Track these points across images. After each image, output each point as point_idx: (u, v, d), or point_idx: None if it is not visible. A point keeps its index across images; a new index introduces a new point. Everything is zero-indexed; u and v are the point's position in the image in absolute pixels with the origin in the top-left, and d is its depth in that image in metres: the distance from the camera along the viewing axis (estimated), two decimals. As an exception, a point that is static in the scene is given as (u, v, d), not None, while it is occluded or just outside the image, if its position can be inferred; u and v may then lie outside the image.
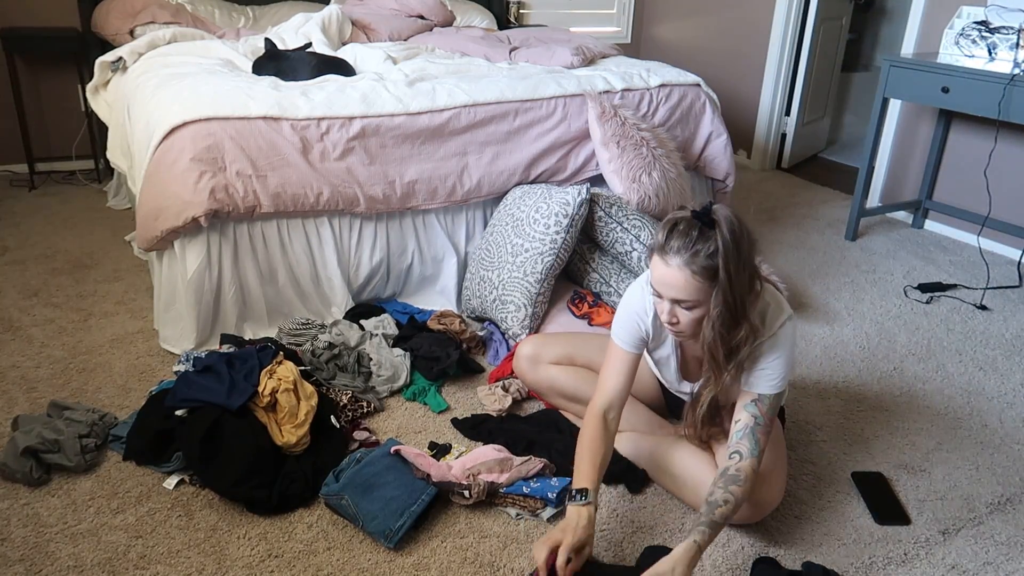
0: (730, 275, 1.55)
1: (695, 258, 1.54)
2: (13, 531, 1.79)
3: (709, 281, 1.56)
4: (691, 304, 1.60)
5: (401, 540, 1.78)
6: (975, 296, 3.22)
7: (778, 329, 1.68)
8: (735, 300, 1.58)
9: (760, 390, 1.70)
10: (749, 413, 1.69)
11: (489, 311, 2.69)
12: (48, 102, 4.16)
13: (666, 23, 5.50)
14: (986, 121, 3.60)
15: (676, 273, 1.56)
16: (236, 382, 2.05)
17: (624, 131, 2.91)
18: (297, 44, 3.40)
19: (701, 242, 1.54)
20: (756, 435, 1.67)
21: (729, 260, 1.54)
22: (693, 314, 1.61)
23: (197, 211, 2.41)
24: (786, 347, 1.69)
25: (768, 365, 1.68)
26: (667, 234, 1.58)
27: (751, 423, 1.68)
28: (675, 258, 1.56)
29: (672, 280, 1.57)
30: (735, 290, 1.57)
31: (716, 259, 1.54)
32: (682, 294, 1.58)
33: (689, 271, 1.55)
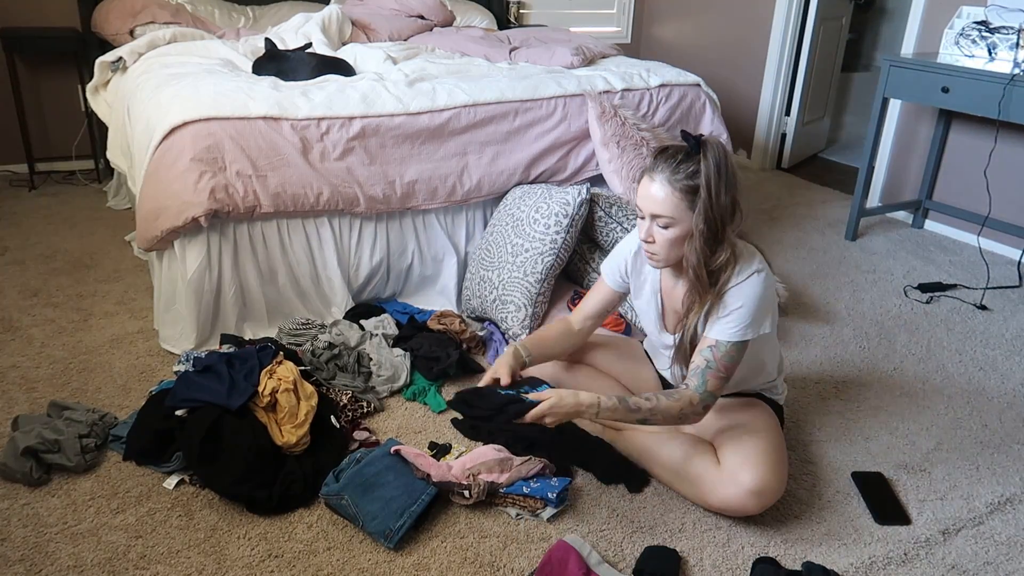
0: (711, 195, 1.66)
1: (676, 175, 1.68)
2: (13, 531, 1.79)
3: (688, 200, 1.68)
4: (668, 221, 1.71)
5: (401, 540, 1.78)
6: (975, 296, 3.22)
7: (746, 278, 1.74)
8: (716, 220, 1.68)
9: (717, 336, 1.75)
10: (703, 356, 1.76)
11: (489, 311, 2.69)
12: (48, 102, 4.17)
13: (666, 23, 5.50)
14: (986, 121, 3.60)
15: (658, 188, 1.69)
16: (236, 382, 2.05)
17: (624, 131, 2.91)
18: (297, 44, 3.40)
19: (686, 163, 1.68)
20: (705, 376, 1.75)
21: (711, 181, 1.66)
22: (668, 233, 1.72)
23: (197, 211, 2.41)
24: (750, 298, 1.73)
25: (729, 312, 1.74)
26: (656, 156, 1.73)
27: (703, 365, 1.76)
28: (659, 175, 1.69)
29: (654, 194, 1.70)
30: (716, 211, 1.67)
31: (698, 179, 1.66)
32: (661, 209, 1.70)
33: (670, 187, 1.68)
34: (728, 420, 1.92)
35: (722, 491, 1.81)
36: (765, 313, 1.76)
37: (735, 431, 1.88)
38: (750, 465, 1.79)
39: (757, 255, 1.79)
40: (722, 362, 1.75)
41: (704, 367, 1.75)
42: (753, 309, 1.74)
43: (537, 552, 1.78)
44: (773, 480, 1.80)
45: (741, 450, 1.82)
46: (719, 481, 1.82)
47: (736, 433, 1.87)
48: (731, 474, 1.80)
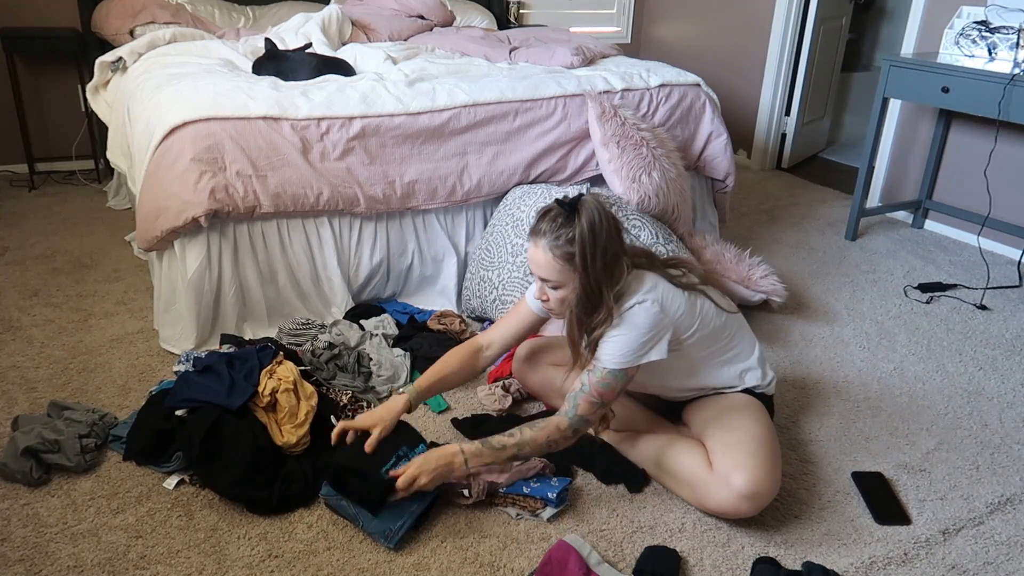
0: (586, 261, 1.70)
1: (556, 242, 1.71)
2: (13, 531, 1.79)
3: (569, 264, 1.72)
4: (555, 284, 1.76)
5: (401, 540, 1.78)
6: (975, 296, 3.22)
7: (626, 311, 1.76)
8: (591, 285, 1.73)
9: (596, 359, 1.78)
10: (580, 380, 1.80)
11: (489, 311, 2.69)
12: (48, 102, 4.17)
13: (666, 23, 5.50)
14: (986, 121, 3.60)
15: (541, 255, 1.74)
16: (236, 382, 2.05)
17: (624, 131, 2.91)
18: (297, 44, 3.40)
19: (565, 228, 1.71)
20: (577, 400, 1.78)
21: (585, 248, 1.69)
22: (558, 293, 1.77)
23: (197, 211, 2.41)
24: (629, 327, 1.75)
25: (608, 340, 1.76)
26: (538, 219, 1.76)
27: (577, 388, 1.79)
28: (541, 240, 1.73)
29: (539, 260, 1.75)
30: (591, 276, 1.71)
31: (574, 246, 1.70)
32: (546, 274, 1.75)
33: (551, 254, 1.72)
34: (717, 419, 1.91)
35: (715, 495, 1.80)
36: (647, 344, 1.76)
37: (724, 432, 1.86)
38: (741, 468, 1.78)
39: (645, 285, 1.79)
40: (596, 387, 1.76)
41: (578, 390, 1.78)
42: (630, 340, 1.75)
43: (537, 552, 1.78)
44: (765, 481, 1.79)
45: (731, 452, 1.81)
46: (712, 485, 1.81)
47: (725, 435, 1.86)
48: (723, 478, 1.79)
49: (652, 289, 1.79)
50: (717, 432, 1.88)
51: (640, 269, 1.83)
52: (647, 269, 1.84)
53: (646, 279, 1.81)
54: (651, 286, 1.79)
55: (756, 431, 1.87)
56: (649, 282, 1.80)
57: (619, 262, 1.76)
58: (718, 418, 1.92)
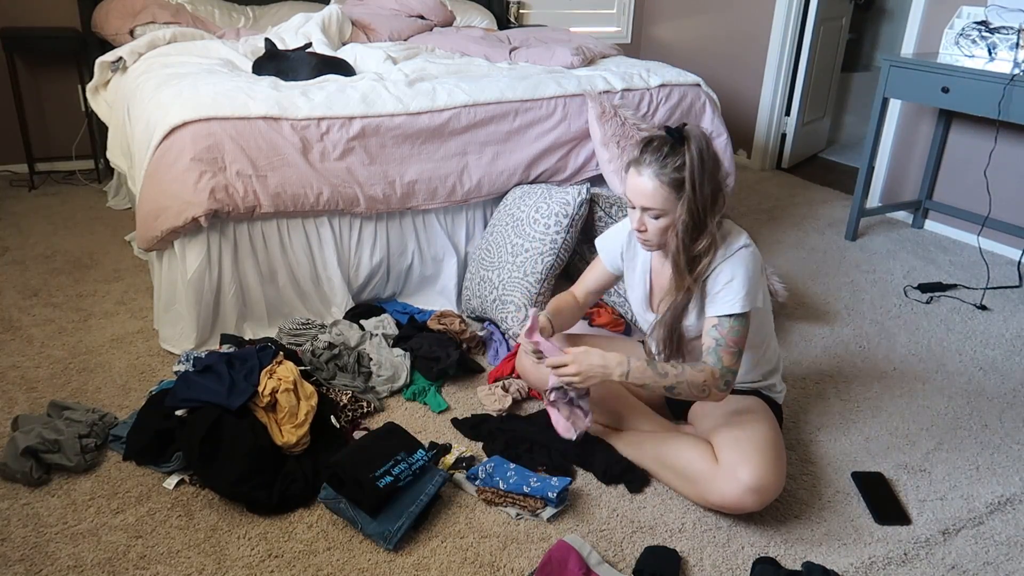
0: (695, 187, 1.72)
1: (664, 169, 1.73)
2: (13, 531, 1.79)
3: (675, 192, 1.74)
4: (658, 212, 1.77)
5: (401, 540, 1.78)
6: (975, 296, 3.22)
7: (735, 252, 1.79)
8: (699, 211, 1.75)
9: (718, 312, 1.80)
10: (711, 336, 1.81)
11: (489, 311, 2.69)
12: (48, 102, 4.17)
13: (666, 23, 5.50)
14: (986, 121, 3.60)
15: (647, 182, 1.75)
16: (236, 382, 2.05)
17: (624, 131, 2.91)
18: (297, 44, 3.40)
19: (671, 156, 1.73)
20: (719, 353, 1.80)
21: (695, 174, 1.72)
22: (659, 223, 1.79)
23: (197, 211, 2.41)
24: (741, 270, 1.79)
25: (724, 287, 1.79)
26: (642, 149, 1.78)
27: (712, 344, 1.80)
28: (647, 169, 1.75)
29: (642, 188, 1.76)
30: (699, 202, 1.73)
31: (683, 172, 1.72)
32: (650, 202, 1.76)
33: (658, 181, 1.74)
34: (726, 418, 1.92)
35: (721, 488, 1.81)
36: (756, 286, 1.81)
37: (733, 429, 1.88)
38: (748, 462, 1.79)
39: (744, 233, 1.85)
40: (729, 337, 1.79)
41: (715, 346, 1.80)
42: (744, 281, 1.78)
43: (537, 552, 1.78)
44: (772, 477, 1.80)
45: (739, 447, 1.82)
46: (718, 478, 1.82)
47: (734, 431, 1.87)
48: (730, 471, 1.80)
49: (748, 238, 1.84)
50: (726, 429, 1.88)
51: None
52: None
53: (740, 230, 1.86)
54: (747, 235, 1.85)
55: (764, 430, 1.88)
56: (744, 232, 1.85)
57: (721, 191, 1.78)
58: (727, 416, 1.93)
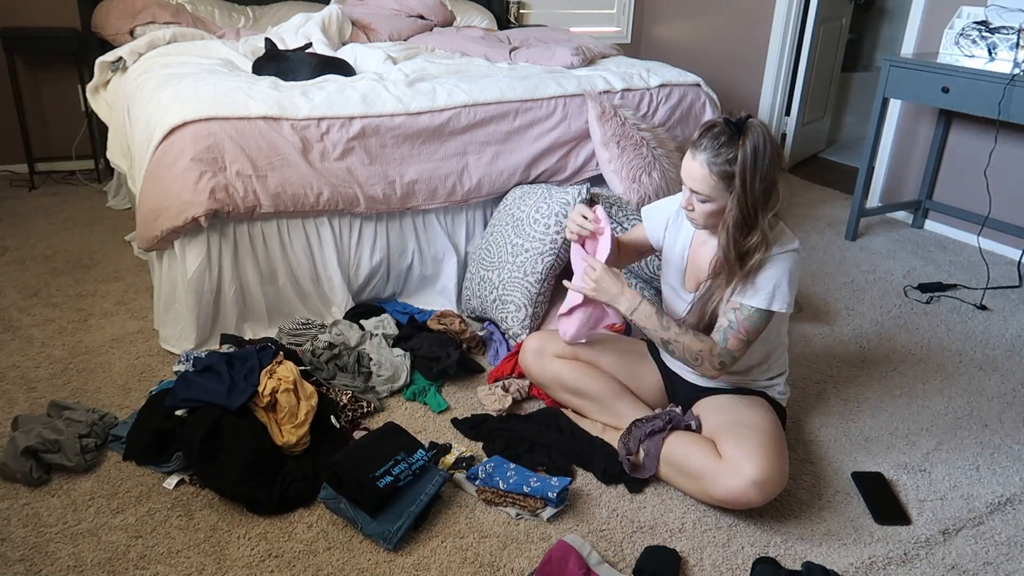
0: (744, 183, 1.73)
1: (715, 159, 1.74)
2: (13, 531, 1.79)
3: (725, 183, 1.75)
4: (705, 198, 1.80)
5: (401, 540, 1.78)
6: (975, 296, 3.22)
7: (780, 254, 1.82)
8: (748, 207, 1.75)
9: (742, 300, 1.83)
10: (727, 317, 1.85)
11: (489, 311, 2.69)
12: (48, 102, 4.17)
13: (666, 23, 5.50)
14: (986, 121, 3.60)
15: (698, 168, 1.77)
16: (236, 382, 2.05)
17: (624, 131, 2.91)
18: (297, 44, 3.40)
19: (726, 147, 1.73)
20: (727, 335, 1.84)
21: (746, 170, 1.72)
22: (706, 207, 1.81)
23: (197, 211, 2.41)
24: (785, 270, 1.82)
25: (758, 280, 1.81)
26: (701, 133, 1.79)
27: (725, 324, 1.85)
28: (701, 155, 1.76)
29: (694, 173, 1.78)
30: (748, 198, 1.74)
31: (734, 166, 1.72)
32: (699, 187, 1.78)
33: (708, 169, 1.75)
34: (730, 415, 1.93)
35: (724, 482, 1.81)
36: (790, 290, 1.83)
37: (737, 426, 1.88)
38: (752, 456, 1.79)
39: (795, 239, 1.87)
40: (743, 325, 1.82)
41: (726, 327, 1.84)
42: (781, 280, 1.81)
43: (537, 552, 1.78)
44: (775, 471, 1.80)
45: (743, 443, 1.83)
46: (721, 473, 1.82)
47: (738, 427, 1.88)
48: (734, 465, 1.80)
49: (794, 240, 1.86)
50: (729, 426, 1.89)
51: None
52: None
53: (792, 235, 1.87)
54: (793, 236, 1.87)
55: (768, 427, 1.89)
56: (796, 238, 1.86)
57: (775, 189, 1.78)
58: (731, 414, 1.93)
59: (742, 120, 1.74)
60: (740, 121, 1.74)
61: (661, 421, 1.97)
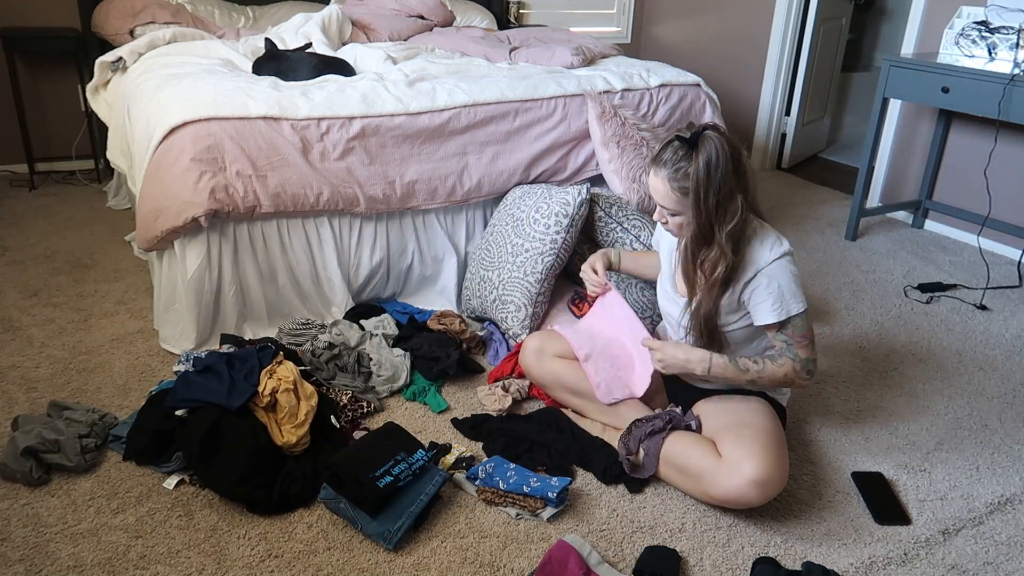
0: (698, 197, 1.76)
1: (675, 175, 1.78)
2: (13, 531, 1.79)
3: (686, 197, 1.78)
4: (672, 211, 1.84)
5: (401, 540, 1.78)
6: (975, 296, 3.22)
7: (770, 263, 1.82)
8: (704, 221, 1.79)
9: (772, 320, 1.84)
10: (779, 340, 1.87)
11: (489, 311, 2.69)
12: (48, 102, 4.17)
13: (666, 23, 5.50)
14: (986, 121, 3.60)
15: (660, 184, 1.81)
16: (236, 382, 2.05)
17: (624, 131, 2.91)
18: (297, 44, 3.40)
19: (684, 162, 1.76)
20: (794, 351, 1.86)
21: (699, 185, 1.74)
22: (675, 220, 1.86)
23: (197, 211, 2.41)
24: (784, 278, 1.83)
25: (767, 297, 1.83)
26: (661, 148, 1.82)
27: (783, 347, 1.87)
28: (661, 170, 1.80)
29: (657, 188, 1.83)
30: (703, 212, 1.77)
31: (688, 182, 1.76)
32: (664, 202, 1.83)
33: (669, 185, 1.79)
34: (730, 416, 1.93)
35: (725, 482, 1.81)
36: (799, 288, 1.85)
37: (737, 426, 1.88)
38: (753, 456, 1.79)
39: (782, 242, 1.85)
40: (796, 334, 1.85)
41: (786, 347, 1.86)
42: (786, 285, 1.83)
43: (537, 552, 1.78)
44: (775, 470, 1.80)
45: (743, 442, 1.83)
46: (722, 472, 1.82)
47: (738, 427, 1.88)
48: (734, 465, 1.80)
49: (781, 241, 1.86)
50: (731, 426, 1.89)
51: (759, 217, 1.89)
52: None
53: (771, 231, 1.87)
54: (776, 238, 1.86)
55: (768, 427, 1.89)
56: (775, 235, 1.86)
57: (733, 200, 1.78)
58: (732, 414, 1.93)
59: (698, 133, 1.75)
60: (695, 134, 1.75)
61: (661, 421, 1.97)
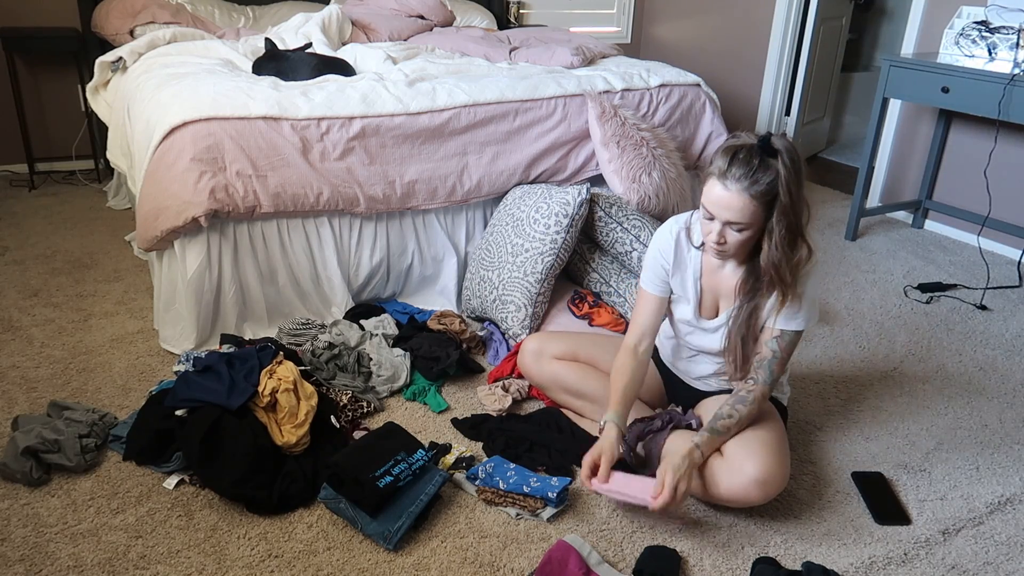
0: (791, 197, 1.68)
1: (755, 184, 1.67)
2: (13, 531, 1.79)
3: (765, 206, 1.70)
4: (743, 226, 1.72)
5: (401, 540, 1.78)
6: (975, 296, 3.22)
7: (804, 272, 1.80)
8: (796, 220, 1.72)
9: (784, 326, 1.83)
10: (769, 348, 1.84)
11: (489, 311, 2.69)
12: (48, 102, 4.17)
13: (666, 23, 5.50)
14: (986, 121, 3.60)
15: (735, 197, 1.68)
16: (236, 382, 2.05)
17: (624, 131, 2.91)
18: (297, 44, 3.40)
19: (762, 170, 1.67)
20: (772, 367, 1.84)
21: (790, 184, 1.67)
22: (742, 236, 1.74)
23: (197, 211, 2.41)
24: (808, 289, 1.81)
25: (801, 302, 1.81)
26: (729, 161, 1.70)
27: (770, 356, 1.84)
28: (735, 183, 1.68)
29: (730, 203, 1.69)
30: (796, 210, 1.70)
31: (776, 185, 1.67)
32: (738, 216, 1.71)
33: (748, 195, 1.68)
34: None
35: (727, 481, 1.81)
36: (816, 299, 1.85)
37: None
38: (754, 455, 1.80)
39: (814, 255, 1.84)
40: (786, 351, 1.85)
41: (771, 358, 1.84)
42: (814, 299, 1.83)
43: (537, 552, 1.78)
44: (777, 470, 1.80)
45: (745, 441, 1.83)
46: (723, 471, 1.82)
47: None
48: (736, 464, 1.81)
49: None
50: None
51: None
52: None
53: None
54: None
55: (770, 426, 1.89)
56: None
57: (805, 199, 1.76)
58: None
59: (766, 139, 1.69)
60: (765, 141, 1.68)
61: (661, 421, 1.97)
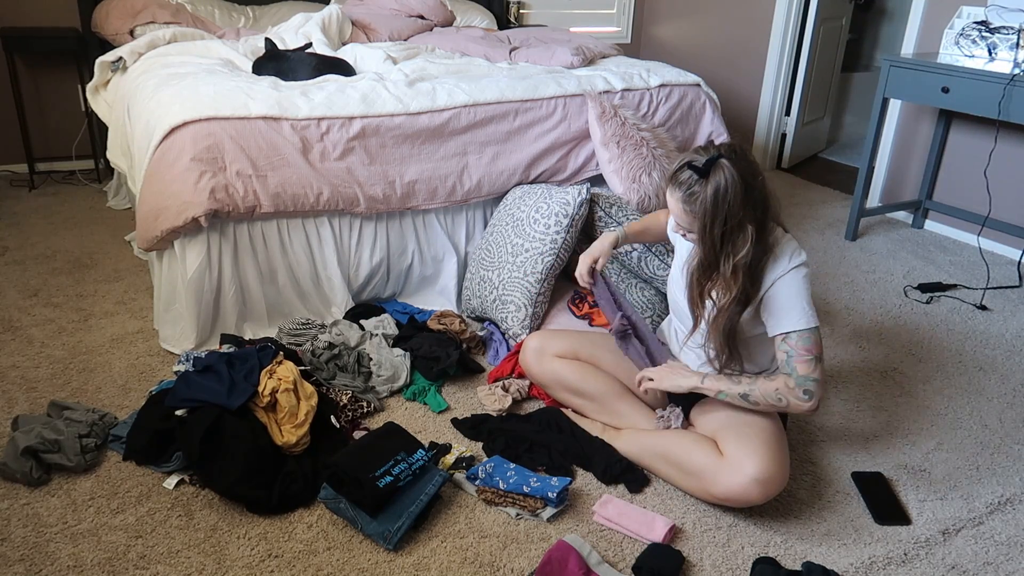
0: (704, 227, 1.75)
1: (688, 199, 1.76)
2: (13, 531, 1.79)
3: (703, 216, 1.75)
4: (686, 230, 1.84)
5: (401, 540, 1.78)
6: (975, 296, 3.22)
7: (791, 269, 1.80)
8: (709, 251, 1.78)
9: (783, 329, 1.82)
10: (781, 351, 1.83)
11: (489, 311, 2.69)
12: (48, 102, 4.17)
13: (666, 23, 5.50)
14: (986, 121, 3.60)
15: (674, 204, 1.80)
16: (236, 382, 2.05)
17: (624, 131, 2.91)
18: (297, 44, 3.40)
19: (697, 187, 1.74)
20: (793, 364, 1.81)
21: (705, 215, 1.74)
22: (692, 236, 1.84)
23: (197, 211, 2.41)
24: (792, 290, 1.80)
25: (780, 307, 1.81)
26: (679, 168, 1.78)
27: (784, 358, 1.83)
28: (675, 191, 1.79)
29: (672, 208, 1.82)
30: (708, 241, 1.76)
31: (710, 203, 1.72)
32: (680, 221, 1.83)
33: (682, 205, 1.78)
34: (731, 414, 1.92)
35: (726, 480, 1.81)
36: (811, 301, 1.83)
37: (738, 424, 1.88)
38: (754, 454, 1.80)
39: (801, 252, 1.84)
40: (800, 346, 1.80)
41: (786, 359, 1.82)
42: (797, 298, 1.80)
43: (537, 552, 1.78)
44: (776, 469, 1.80)
45: (744, 441, 1.83)
46: (723, 471, 1.82)
47: (739, 426, 1.88)
48: (735, 463, 1.81)
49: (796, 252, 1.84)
50: (732, 424, 1.89)
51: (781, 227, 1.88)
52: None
53: (792, 243, 1.85)
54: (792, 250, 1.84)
55: (769, 425, 1.89)
56: (792, 247, 1.84)
57: (743, 231, 1.74)
58: (733, 413, 1.93)
59: (712, 160, 1.71)
60: (709, 161, 1.71)
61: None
